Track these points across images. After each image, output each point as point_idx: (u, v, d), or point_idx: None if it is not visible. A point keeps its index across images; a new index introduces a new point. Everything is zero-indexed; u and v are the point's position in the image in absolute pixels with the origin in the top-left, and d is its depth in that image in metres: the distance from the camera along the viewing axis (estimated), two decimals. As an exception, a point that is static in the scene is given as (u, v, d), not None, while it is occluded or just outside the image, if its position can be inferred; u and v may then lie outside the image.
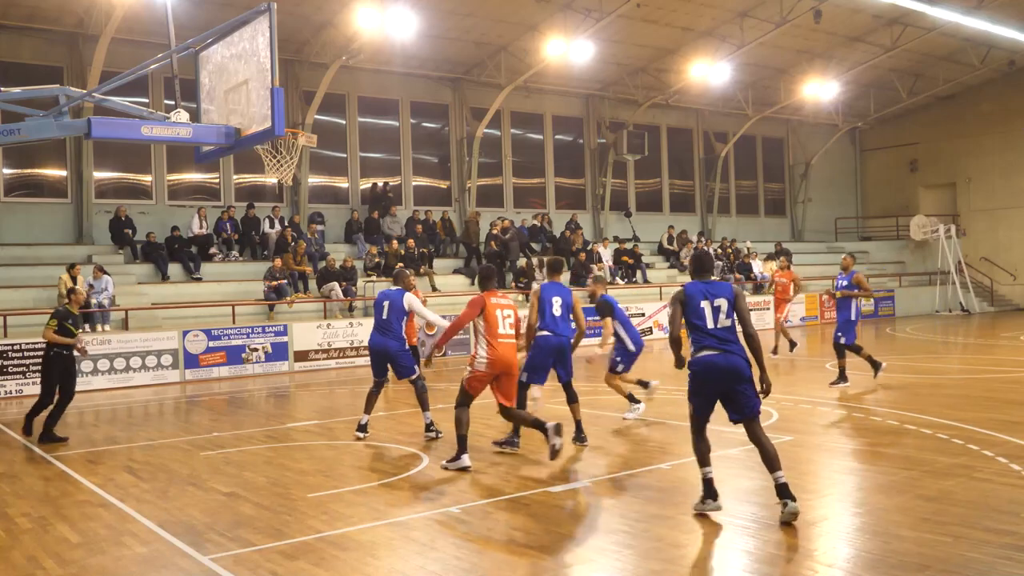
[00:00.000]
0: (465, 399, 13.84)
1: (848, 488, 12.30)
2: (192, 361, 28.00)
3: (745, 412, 10.74)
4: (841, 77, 46.37)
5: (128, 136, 14.80)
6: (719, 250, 45.73)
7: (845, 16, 40.49)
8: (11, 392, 25.23)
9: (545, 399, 17.68)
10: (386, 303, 16.46)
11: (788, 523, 10.25)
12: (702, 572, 9.12)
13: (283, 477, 13.71)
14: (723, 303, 10.74)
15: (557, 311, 14.97)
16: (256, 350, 28.85)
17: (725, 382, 10.69)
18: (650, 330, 38.03)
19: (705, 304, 10.70)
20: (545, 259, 16.34)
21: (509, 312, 13.96)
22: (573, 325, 15.62)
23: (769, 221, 54.99)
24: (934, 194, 56.15)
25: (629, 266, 41.70)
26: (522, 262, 38.06)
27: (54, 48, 32.11)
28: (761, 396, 10.92)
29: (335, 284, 32.26)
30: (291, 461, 14.92)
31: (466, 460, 13.73)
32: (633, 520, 10.67)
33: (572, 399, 15.60)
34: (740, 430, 12.18)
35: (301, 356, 29.73)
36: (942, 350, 31.54)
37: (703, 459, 10.91)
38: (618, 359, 17.94)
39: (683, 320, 10.90)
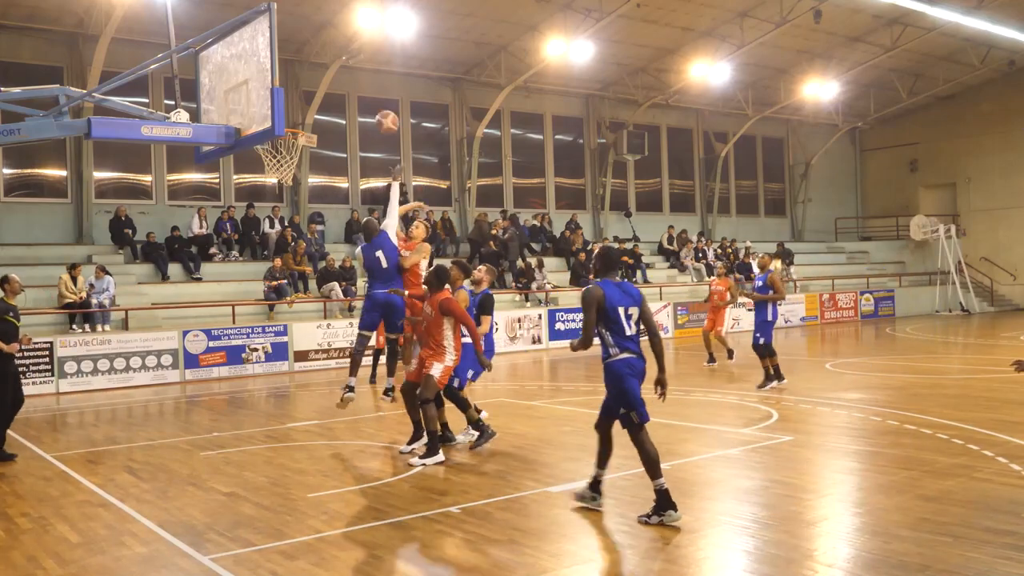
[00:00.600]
0: (434, 394, 14.10)
1: (848, 488, 12.29)
2: (192, 361, 27.99)
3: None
4: (841, 77, 46.39)
5: (128, 136, 14.79)
6: (719, 250, 45.77)
7: (845, 16, 40.51)
8: (11, 392, 25.20)
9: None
10: (379, 253, 16.37)
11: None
12: (702, 573, 9.11)
13: (283, 477, 13.71)
14: (635, 312, 10.97)
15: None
16: (256, 350, 28.85)
17: (639, 383, 10.91)
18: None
19: (622, 310, 10.87)
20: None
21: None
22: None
23: (769, 221, 55.00)
24: (934, 194, 56.15)
25: (629, 266, 41.70)
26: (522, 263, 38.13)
27: (54, 48, 32.10)
28: (660, 399, 11.10)
29: (335, 284, 32.25)
30: (291, 461, 14.91)
31: (441, 455, 14.03)
32: (633, 520, 10.66)
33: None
34: (742, 430, 12.21)
35: (301, 356, 29.71)
36: (942, 350, 31.53)
37: (655, 466, 10.87)
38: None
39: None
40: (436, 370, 14.08)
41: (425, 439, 14.63)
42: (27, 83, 15.86)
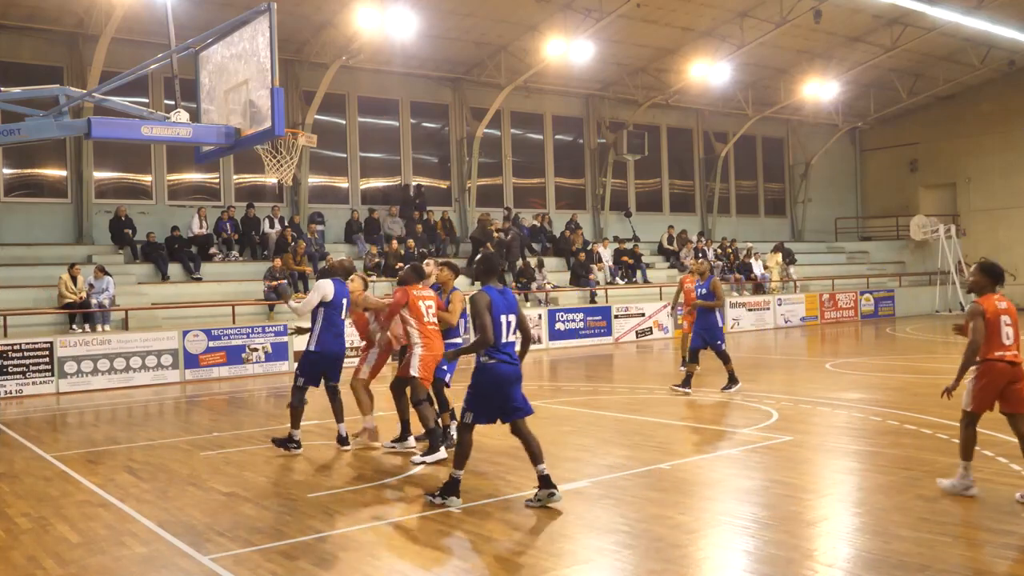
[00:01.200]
0: (424, 394, 14.37)
1: (848, 488, 12.29)
2: (192, 361, 27.99)
3: (528, 409, 11.65)
4: (841, 77, 46.39)
5: (128, 136, 14.80)
6: (719, 250, 45.76)
7: (845, 16, 40.51)
8: (11, 392, 25.18)
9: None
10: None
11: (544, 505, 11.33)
12: (702, 573, 9.11)
13: (283, 477, 13.73)
14: (512, 320, 11.50)
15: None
16: (256, 350, 28.84)
17: (514, 386, 11.53)
18: (650, 330, 38.10)
19: (503, 319, 11.37)
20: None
21: (431, 303, 14.75)
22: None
23: (769, 221, 55.00)
24: (934, 194, 56.17)
25: (629, 266, 41.71)
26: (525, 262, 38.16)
27: (54, 48, 32.10)
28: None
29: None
30: (291, 461, 14.91)
31: (443, 452, 14.16)
32: (633, 520, 10.67)
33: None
34: (742, 430, 12.19)
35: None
36: (942, 350, 31.49)
37: (462, 461, 11.51)
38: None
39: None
40: (414, 369, 14.19)
41: (409, 440, 15.06)
42: (27, 83, 15.88)
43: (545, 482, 11.35)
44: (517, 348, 11.62)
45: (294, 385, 15.45)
